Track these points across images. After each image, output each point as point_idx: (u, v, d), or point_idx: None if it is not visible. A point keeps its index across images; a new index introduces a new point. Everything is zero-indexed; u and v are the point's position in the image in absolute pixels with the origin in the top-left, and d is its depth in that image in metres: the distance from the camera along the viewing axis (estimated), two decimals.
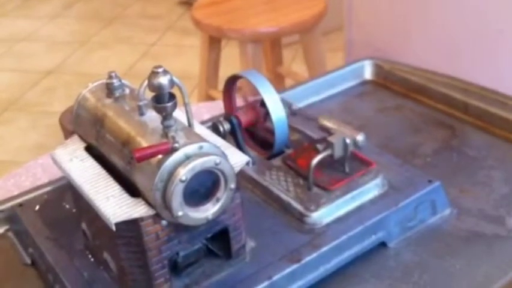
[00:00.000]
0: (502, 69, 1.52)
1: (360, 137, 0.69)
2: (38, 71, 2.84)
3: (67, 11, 3.55)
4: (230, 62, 2.03)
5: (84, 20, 3.42)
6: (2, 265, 0.71)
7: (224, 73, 0.94)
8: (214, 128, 0.73)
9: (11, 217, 0.75)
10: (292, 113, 0.75)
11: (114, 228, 0.53)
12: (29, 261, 0.71)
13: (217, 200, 0.56)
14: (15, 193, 0.79)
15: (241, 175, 0.61)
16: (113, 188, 0.57)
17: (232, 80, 0.76)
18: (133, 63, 2.84)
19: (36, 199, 0.76)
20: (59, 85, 2.71)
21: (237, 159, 0.59)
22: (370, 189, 0.70)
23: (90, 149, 0.63)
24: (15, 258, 0.71)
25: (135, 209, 0.54)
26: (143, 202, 0.55)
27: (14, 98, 2.63)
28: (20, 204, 0.75)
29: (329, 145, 0.69)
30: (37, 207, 0.75)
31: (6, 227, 0.76)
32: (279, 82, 2.11)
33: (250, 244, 0.64)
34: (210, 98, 1.93)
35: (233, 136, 0.74)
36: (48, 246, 0.67)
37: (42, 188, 0.78)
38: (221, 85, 0.77)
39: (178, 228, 0.56)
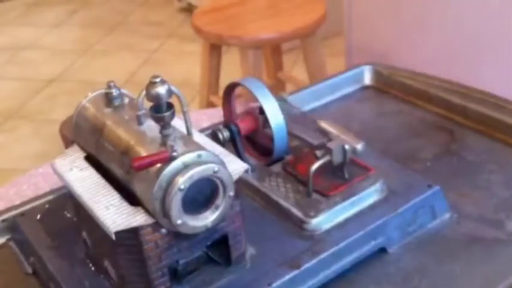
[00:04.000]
0: (501, 73, 1.52)
1: (359, 146, 0.69)
2: (40, 79, 2.85)
3: (69, 19, 3.56)
4: (231, 68, 2.04)
5: (86, 28, 3.43)
6: (3, 274, 0.72)
7: (225, 79, 0.95)
8: (214, 136, 0.73)
9: (13, 226, 0.75)
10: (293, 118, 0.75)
11: (114, 237, 0.54)
12: (30, 270, 0.71)
13: (216, 207, 0.56)
14: (17, 202, 0.79)
15: (241, 182, 0.61)
16: (113, 197, 0.57)
17: (231, 88, 0.76)
18: (135, 70, 2.84)
19: (37, 208, 0.77)
20: (62, 93, 2.72)
21: (235, 166, 0.59)
22: (370, 195, 0.70)
23: (89, 158, 0.64)
24: (16, 268, 0.72)
25: (135, 218, 0.55)
26: (143, 211, 0.55)
27: (17, 106, 2.63)
28: (22, 214, 0.76)
29: (328, 151, 0.69)
30: (38, 217, 0.75)
31: (8, 236, 0.76)
32: (279, 88, 2.12)
33: (250, 251, 0.64)
34: (211, 104, 1.94)
35: (232, 143, 0.74)
36: (49, 255, 0.68)
37: (43, 197, 0.79)
38: (222, 91, 0.78)
39: (178, 236, 0.57)
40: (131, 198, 0.57)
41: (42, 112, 2.57)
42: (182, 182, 0.52)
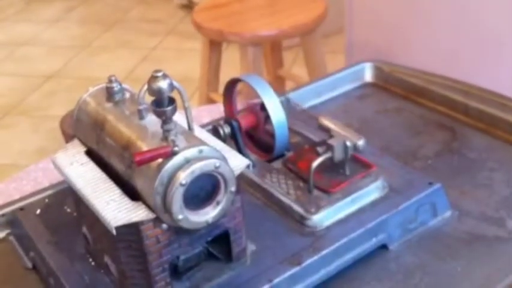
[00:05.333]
0: (502, 70, 1.52)
1: (360, 142, 0.69)
2: (39, 75, 2.84)
3: (68, 15, 3.56)
4: (231, 65, 2.03)
5: (85, 24, 3.42)
6: (3, 269, 0.71)
7: (225, 76, 0.95)
8: (215, 132, 0.73)
9: (12, 221, 0.75)
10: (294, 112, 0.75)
11: (114, 232, 0.53)
12: (30, 265, 0.71)
13: (218, 203, 0.56)
14: (17, 197, 0.79)
15: (241, 178, 0.61)
16: (113, 192, 0.57)
17: (232, 84, 0.76)
18: (135, 67, 2.84)
19: (37, 203, 0.76)
20: (60, 89, 2.71)
21: (237, 162, 0.59)
22: (371, 192, 0.70)
23: (90, 153, 0.64)
24: (16, 262, 0.72)
25: (135, 213, 0.54)
26: (143, 206, 0.55)
27: (16, 102, 2.63)
28: (21, 208, 0.75)
29: (329, 148, 0.69)
30: (38, 211, 0.75)
31: (8, 231, 0.76)
32: (279, 85, 2.11)
33: (251, 247, 0.64)
34: (211, 101, 1.93)
35: (233, 139, 0.74)
36: (49, 250, 0.67)
37: (43, 192, 0.78)
38: (222, 88, 0.78)
39: (179, 231, 0.56)
40: (132, 194, 0.56)
41: (41, 108, 2.57)
42: (184, 177, 0.52)
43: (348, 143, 0.69)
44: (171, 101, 0.54)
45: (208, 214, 0.56)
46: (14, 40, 3.25)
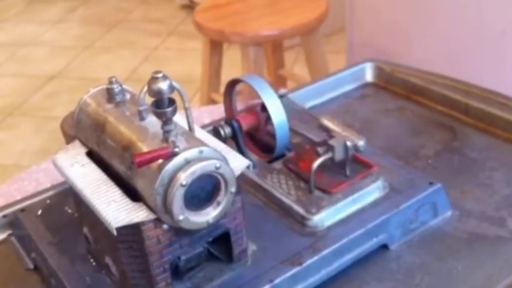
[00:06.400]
0: (502, 70, 1.52)
1: (360, 142, 0.69)
2: (41, 76, 2.85)
3: (70, 15, 3.56)
4: (232, 65, 2.04)
5: (87, 25, 3.43)
6: (5, 270, 0.72)
7: (226, 76, 0.95)
8: (215, 132, 0.73)
9: (14, 222, 0.75)
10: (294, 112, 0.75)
11: (115, 232, 0.54)
12: (31, 266, 0.71)
13: (218, 203, 0.56)
14: (18, 198, 0.79)
15: (242, 179, 0.61)
16: (114, 193, 0.57)
17: (232, 84, 0.76)
18: (136, 67, 2.84)
19: (38, 204, 0.77)
20: (62, 90, 2.72)
21: (237, 163, 0.59)
22: (371, 192, 0.70)
23: (91, 154, 0.64)
24: (18, 263, 0.72)
25: (136, 214, 0.54)
26: (144, 206, 0.55)
27: (18, 103, 2.63)
28: (23, 209, 0.76)
29: (330, 148, 0.69)
30: (39, 212, 0.75)
31: (9, 232, 0.76)
32: (280, 85, 2.11)
33: (252, 247, 0.64)
34: (212, 101, 1.94)
35: (234, 140, 0.74)
36: (50, 251, 0.68)
37: (44, 192, 0.79)
38: (223, 88, 0.78)
39: (179, 232, 0.57)
40: (132, 194, 0.57)
41: (43, 109, 2.57)
42: (184, 177, 0.52)
43: (349, 143, 0.69)
44: (171, 102, 0.54)
45: (209, 215, 0.56)
46: (16, 41, 3.26)
